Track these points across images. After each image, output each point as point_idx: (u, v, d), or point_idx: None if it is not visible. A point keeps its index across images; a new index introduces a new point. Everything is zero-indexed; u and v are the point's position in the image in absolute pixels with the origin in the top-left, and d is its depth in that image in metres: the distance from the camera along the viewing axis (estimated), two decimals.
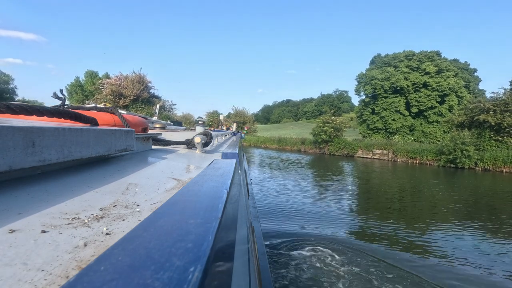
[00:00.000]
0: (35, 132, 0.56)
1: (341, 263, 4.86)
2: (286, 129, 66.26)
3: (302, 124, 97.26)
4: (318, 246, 5.45)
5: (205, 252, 0.24)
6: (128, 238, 0.26)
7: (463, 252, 5.67)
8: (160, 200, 0.64)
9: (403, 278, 4.46)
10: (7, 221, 0.43)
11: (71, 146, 0.68)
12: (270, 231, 6.17)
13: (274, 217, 7.38)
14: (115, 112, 1.43)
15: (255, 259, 1.88)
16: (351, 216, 8.03)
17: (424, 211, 9.06)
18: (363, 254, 5.26)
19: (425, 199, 10.99)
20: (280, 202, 9.17)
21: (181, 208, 0.38)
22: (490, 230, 7.22)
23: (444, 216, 8.46)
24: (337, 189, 12.14)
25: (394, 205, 9.72)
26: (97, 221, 0.48)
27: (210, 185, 0.56)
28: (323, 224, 7.00)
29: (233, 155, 1.34)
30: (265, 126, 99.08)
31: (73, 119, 0.96)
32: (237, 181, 0.95)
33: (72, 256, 0.36)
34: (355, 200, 10.55)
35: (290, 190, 11.04)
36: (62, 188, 0.63)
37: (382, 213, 8.51)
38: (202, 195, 0.47)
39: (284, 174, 15.75)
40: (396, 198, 11.04)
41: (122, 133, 0.98)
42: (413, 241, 6.21)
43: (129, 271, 0.20)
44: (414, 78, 48.18)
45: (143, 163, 1.14)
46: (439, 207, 9.61)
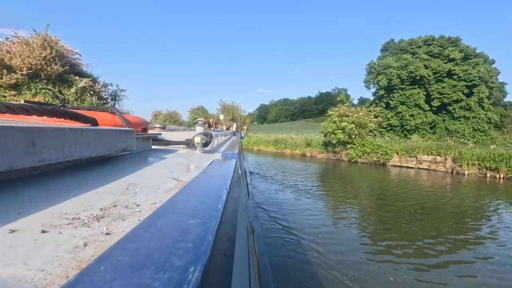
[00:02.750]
0: (35, 132, 0.56)
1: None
2: (283, 128, 58.60)
3: (300, 124, 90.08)
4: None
5: (205, 252, 0.24)
6: (128, 238, 0.26)
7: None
8: (160, 200, 0.62)
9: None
10: (7, 221, 0.43)
11: (71, 146, 0.67)
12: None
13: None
14: (115, 112, 1.43)
15: (255, 259, 1.91)
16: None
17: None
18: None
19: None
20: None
21: (181, 208, 0.38)
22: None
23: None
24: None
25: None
26: (97, 221, 0.48)
27: (210, 185, 0.58)
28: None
29: (233, 155, 1.37)
30: (261, 126, 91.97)
31: (73, 119, 0.95)
32: (237, 181, 0.98)
33: (72, 256, 0.36)
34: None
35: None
36: (62, 188, 0.63)
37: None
38: (202, 195, 0.47)
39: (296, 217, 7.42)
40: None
41: (122, 133, 0.98)
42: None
43: (129, 271, 0.20)
44: (436, 66, 40.79)
45: (143, 163, 1.12)
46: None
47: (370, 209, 8.56)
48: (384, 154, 20.24)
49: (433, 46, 40.50)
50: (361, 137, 21.42)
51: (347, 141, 21.51)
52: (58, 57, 13.14)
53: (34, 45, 12.49)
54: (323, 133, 24.24)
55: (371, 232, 6.64)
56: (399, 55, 42.16)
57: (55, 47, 12.89)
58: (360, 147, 21.01)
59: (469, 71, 37.62)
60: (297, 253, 5.27)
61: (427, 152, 19.15)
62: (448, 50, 39.22)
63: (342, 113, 22.38)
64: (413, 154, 19.56)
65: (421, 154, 19.08)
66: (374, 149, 20.61)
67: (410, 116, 41.02)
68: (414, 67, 40.43)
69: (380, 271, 4.71)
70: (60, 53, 13.25)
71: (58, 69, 12.85)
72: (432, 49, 40.35)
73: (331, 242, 5.78)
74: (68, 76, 13.50)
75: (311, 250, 5.38)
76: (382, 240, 6.07)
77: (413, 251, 5.62)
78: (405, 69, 40.90)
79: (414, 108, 41.05)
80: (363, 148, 20.81)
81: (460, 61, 38.76)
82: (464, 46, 39.71)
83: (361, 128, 21.57)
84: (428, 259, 5.25)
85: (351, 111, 22.32)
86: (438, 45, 40.34)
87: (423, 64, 41.16)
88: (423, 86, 41.19)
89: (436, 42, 40.81)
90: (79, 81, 13.28)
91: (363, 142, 21.24)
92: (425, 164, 18.74)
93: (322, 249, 5.43)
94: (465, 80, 38.33)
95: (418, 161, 19.17)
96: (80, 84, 13.16)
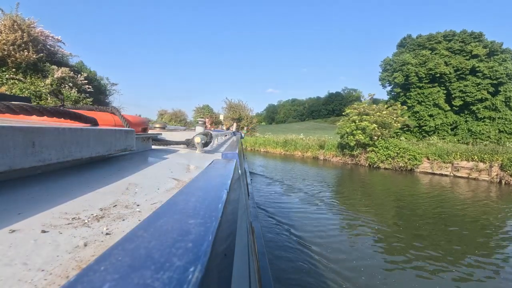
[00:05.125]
0: (35, 132, 0.56)
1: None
2: (292, 129, 56.24)
3: (308, 124, 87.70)
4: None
5: (205, 252, 0.24)
6: (128, 238, 0.26)
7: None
8: (160, 200, 0.63)
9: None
10: (7, 221, 0.43)
11: (71, 146, 0.67)
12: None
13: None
14: (115, 112, 1.41)
15: (255, 259, 1.89)
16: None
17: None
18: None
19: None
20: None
21: (181, 208, 0.38)
22: None
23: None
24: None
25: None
26: (97, 221, 0.47)
27: (210, 185, 0.56)
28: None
29: (233, 155, 1.33)
30: (268, 126, 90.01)
31: (73, 119, 0.94)
32: (237, 181, 0.95)
33: (72, 256, 0.36)
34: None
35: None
36: (62, 188, 0.63)
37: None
38: (202, 195, 0.47)
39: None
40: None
41: (122, 133, 0.97)
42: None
43: (129, 271, 0.20)
44: (458, 63, 38.11)
45: (143, 163, 1.11)
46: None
47: (400, 235, 6.45)
48: (412, 158, 17.29)
49: (454, 41, 37.87)
50: (384, 138, 18.72)
51: (367, 143, 18.87)
52: (31, 42, 11.08)
53: (0, 27, 10.43)
54: (339, 134, 21.41)
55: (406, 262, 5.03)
56: (417, 51, 39.56)
57: (27, 30, 10.82)
58: (383, 150, 18.17)
59: (495, 68, 34.88)
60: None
61: (466, 157, 15.98)
62: (471, 46, 36.53)
63: (362, 111, 19.58)
64: (448, 160, 16.38)
65: (459, 160, 16.01)
66: (400, 153, 17.71)
67: (429, 117, 38.51)
68: (433, 63, 37.87)
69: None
70: (33, 38, 11.18)
71: (30, 56, 10.77)
72: (453, 45, 37.69)
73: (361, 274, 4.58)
74: (44, 65, 11.43)
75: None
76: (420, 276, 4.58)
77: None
78: (424, 66, 38.39)
79: (433, 108, 38.51)
80: (387, 152, 17.97)
81: (484, 58, 36.08)
82: (488, 41, 36.97)
83: (384, 129, 18.85)
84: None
85: (372, 108, 19.64)
86: (460, 41, 37.67)
87: (444, 60, 38.58)
88: (443, 84, 38.61)
89: (457, 37, 38.20)
90: (56, 71, 11.17)
91: (386, 144, 18.36)
92: (464, 172, 15.76)
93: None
94: (490, 77, 35.62)
95: (454, 167, 16.12)
96: (56, 74, 11.01)
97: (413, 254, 5.47)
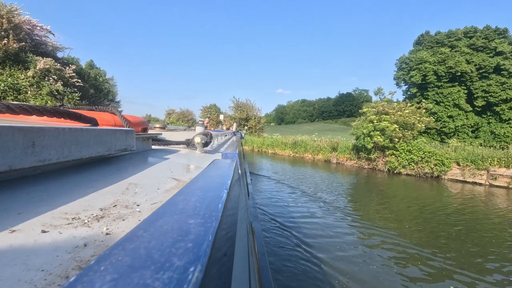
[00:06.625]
0: (35, 132, 0.56)
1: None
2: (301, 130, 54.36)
3: (318, 125, 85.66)
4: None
5: (205, 252, 0.24)
6: (128, 238, 0.26)
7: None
8: (160, 200, 0.62)
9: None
10: (7, 221, 0.43)
11: (71, 146, 0.67)
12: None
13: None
14: (115, 112, 1.41)
15: (255, 259, 1.87)
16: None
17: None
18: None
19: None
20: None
21: (181, 208, 0.38)
22: None
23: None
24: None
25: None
26: (97, 221, 0.47)
27: (210, 185, 0.56)
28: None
29: (233, 155, 1.32)
30: (277, 127, 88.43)
31: (73, 119, 0.94)
32: (237, 181, 0.94)
33: (72, 256, 0.36)
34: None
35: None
36: (62, 188, 0.63)
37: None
38: (202, 195, 0.47)
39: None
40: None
41: (122, 133, 0.97)
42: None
43: (129, 271, 0.20)
44: (480, 61, 35.73)
45: (143, 163, 1.11)
46: None
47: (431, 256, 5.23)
48: (440, 164, 15.22)
49: (476, 38, 35.51)
50: (406, 141, 16.96)
51: (387, 146, 17.03)
52: (12, 30, 9.91)
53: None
54: (355, 135, 19.32)
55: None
56: (435, 49, 37.37)
57: (6, 17, 9.65)
58: (405, 154, 16.14)
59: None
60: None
61: (506, 163, 13.80)
62: (495, 43, 34.19)
63: (381, 110, 17.35)
64: (483, 166, 14.24)
65: (496, 166, 13.87)
66: (426, 157, 15.68)
67: (448, 118, 36.27)
68: (454, 62, 35.62)
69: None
70: (15, 25, 10.02)
71: (10, 45, 9.59)
72: (475, 42, 35.32)
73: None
74: (26, 55, 10.24)
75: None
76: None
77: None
78: (443, 64, 36.14)
79: (453, 109, 36.24)
80: (410, 156, 16.03)
81: (510, 55, 33.70)
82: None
83: (406, 130, 16.97)
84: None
85: (392, 107, 17.71)
86: (482, 37, 35.33)
87: (465, 58, 36.23)
88: (464, 84, 36.32)
89: (479, 33, 35.82)
90: (38, 62, 9.97)
91: (409, 147, 16.27)
92: (503, 181, 13.55)
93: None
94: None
95: (490, 175, 14.00)
96: (39, 65, 9.76)
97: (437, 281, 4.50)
